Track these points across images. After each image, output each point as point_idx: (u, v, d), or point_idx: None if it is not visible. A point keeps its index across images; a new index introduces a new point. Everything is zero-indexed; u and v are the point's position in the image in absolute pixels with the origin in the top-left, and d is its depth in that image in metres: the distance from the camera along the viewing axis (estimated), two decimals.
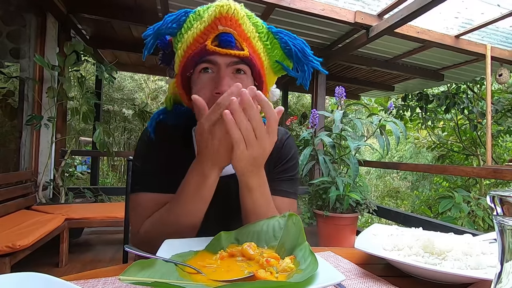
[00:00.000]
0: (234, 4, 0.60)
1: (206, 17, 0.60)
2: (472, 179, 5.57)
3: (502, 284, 0.26)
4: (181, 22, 0.62)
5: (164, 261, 0.44)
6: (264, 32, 0.66)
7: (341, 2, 2.90)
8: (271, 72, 0.70)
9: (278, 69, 0.70)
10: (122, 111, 7.72)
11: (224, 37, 0.59)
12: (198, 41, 0.60)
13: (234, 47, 0.60)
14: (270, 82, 0.71)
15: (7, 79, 3.40)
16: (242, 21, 0.61)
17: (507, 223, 0.25)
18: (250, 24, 0.63)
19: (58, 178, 3.01)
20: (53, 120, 2.91)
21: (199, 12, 0.62)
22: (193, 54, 0.60)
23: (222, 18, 0.59)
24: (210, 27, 0.59)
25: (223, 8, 0.58)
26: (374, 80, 5.22)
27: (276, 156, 0.74)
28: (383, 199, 8.57)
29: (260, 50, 0.65)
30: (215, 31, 0.59)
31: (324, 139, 2.81)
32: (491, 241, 0.64)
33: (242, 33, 0.61)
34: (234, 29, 0.60)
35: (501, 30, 3.30)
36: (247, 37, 0.62)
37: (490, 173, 2.31)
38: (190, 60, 0.61)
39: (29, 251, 1.83)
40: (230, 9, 0.58)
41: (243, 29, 0.61)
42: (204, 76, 0.62)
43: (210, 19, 0.59)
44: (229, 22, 0.59)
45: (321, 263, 0.44)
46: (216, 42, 0.59)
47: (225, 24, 0.59)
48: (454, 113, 5.62)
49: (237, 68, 0.62)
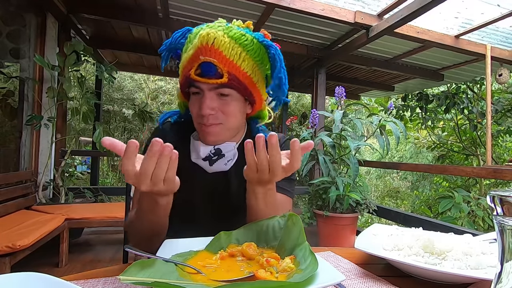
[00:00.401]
0: (216, 32, 0.64)
1: (194, 44, 0.66)
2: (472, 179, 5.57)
3: (502, 284, 0.26)
4: (185, 39, 0.71)
5: (164, 261, 0.44)
6: (254, 49, 0.69)
7: (341, 2, 2.90)
8: (264, 85, 0.75)
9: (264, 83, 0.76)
10: (122, 111, 7.72)
11: (204, 67, 0.65)
12: (187, 67, 0.68)
13: (213, 75, 0.66)
14: (265, 93, 0.76)
15: (7, 79, 3.40)
16: (223, 47, 0.65)
17: (507, 223, 0.25)
18: (237, 46, 0.66)
19: (58, 178, 3.01)
20: (53, 120, 2.91)
21: (195, 34, 0.68)
22: (183, 79, 0.70)
23: (203, 48, 0.64)
24: (194, 56, 0.65)
25: (204, 38, 0.64)
26: (374, 80, 5.22)
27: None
28: (383, 199, 8.56)
29: (247, 69, 0.68)
30: (197, 60, 0.65)
31: (324, 139, 2.81)
32: (491, 241, 0.64)
33: (224, 59, 0.65)
34: (215, 57, 0.64)
35: (501, 30, 3.30)
36: (230, 61, 0.66)
37: (490, 173, 2.31)
38: (183, 83, 0.71)
39: (29, 251, 1.83)
40: (209, 39, 0.63)
41: (224, 55, 0.65)
42: (194, 97, 0.71)
43: (195, 48, 0.65)
44: (208, 52, 0.64)
45: (321, 263, 0.44)
46: (199, 70, 0.66)
47: (205, 54, 0.64)
48: (454, 113, 5.62)
49: (221, 92, 0.68)
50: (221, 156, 0.75)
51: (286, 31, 3.41)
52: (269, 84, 0.75)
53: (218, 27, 0.66)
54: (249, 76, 0.69)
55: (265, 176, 0.59)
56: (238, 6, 2.89)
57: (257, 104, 0.75)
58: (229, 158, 0.76)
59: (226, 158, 0.76)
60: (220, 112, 0.69)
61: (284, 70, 0.71)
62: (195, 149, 0.76)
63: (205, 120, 0.69)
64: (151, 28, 3.42)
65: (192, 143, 0.79)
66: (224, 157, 0.75)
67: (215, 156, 0.75)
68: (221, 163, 0.76)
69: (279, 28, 3.33)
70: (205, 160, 0.75)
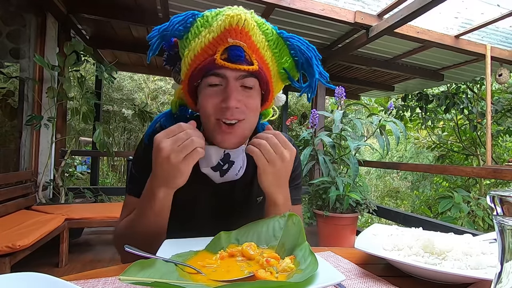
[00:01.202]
0: (245, 13, 0.57)
1: (215, 26, 0.57)
2: (472, 179, 5.58)
3: (502, 284, 0.26)
4: (188, 24, 0.60)
5: (164, 261, 0.44)
6: (273, 39, 0.63)
7: (341, 2, 2.90)
8: (279, 80, 0.68)
9: (285, 77, 0.68)
10: (121, 111, 7.72)
11: (234, 51, 0.57)
12: (207, 52, 0.58)
13: (243, 61, 0.58)
14: (277, 89, 0.70)
15: (7, 79, 3.40)
16: (253, 32, 0.58)
17: (507, 223, 0.25)
18: (260, 33, 0.60)
19: (58, 178, 3.01)
20: (53, 120, 2.91)
21: (207, 18, 0.59)
22: (201, 66, 0.59)
23: (232, 30, 0.56)
24: (219, 39, 0.57)
25: (233, 19, 0.55)
26: (374, 80, 5.22)
27: None
28: (383, 199, 8.57)
29: (268, 59, 0.62)
30: (224, 43, 0.57)
31: (324, 139, 2.81)
32: (491, 241, 0.64)
33: (252, 44, 0.58)
34: (244, 42, 0.57)
35: (501, 30, 3.30)
36: (257, 48, 0.60)
37: (490, 173, 2.31)
38: (198, 71, 0.59)
39: (29, 251, 1.83)
40: (240, 20, 0.55)
41: (253, 40, 0.58)
42: (210, 89, 0.61)
43: (219, 30, 0.56)
44: (239, 34, 0.56)
45: (321, 263, 0.44)
46: (225, 55, 0.57)
47: (235, 37, 0.56)
48: (454, 113, 5.62)
49: (245, 83, 0.61)
50: (231, 164, 0.67)
51: (286, 31, 3.40)
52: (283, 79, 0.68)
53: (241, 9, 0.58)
54: (269, 67, 0.63)
55: (277, 163, 0.59)
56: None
57: (269, 101, 0.68)
58: (240, 165, 0.69)
59: (237, 167, 0.68)
60: (243, 105, 0.61)
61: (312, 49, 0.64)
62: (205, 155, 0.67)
63: (229, 114, 0.59)
64: (151, 28, 3.40)
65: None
66: (234, 165, 0.68)
67: (225, 164, 0.67)
68: (232, 172, 0.68)
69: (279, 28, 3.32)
70: (215, 170, 0.67)
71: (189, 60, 0.60)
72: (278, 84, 0.69)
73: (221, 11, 0.59)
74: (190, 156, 0.55)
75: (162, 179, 0.57)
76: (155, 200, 0.59)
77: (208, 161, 0.66)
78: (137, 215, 0.64)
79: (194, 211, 0.74)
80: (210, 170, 0.67)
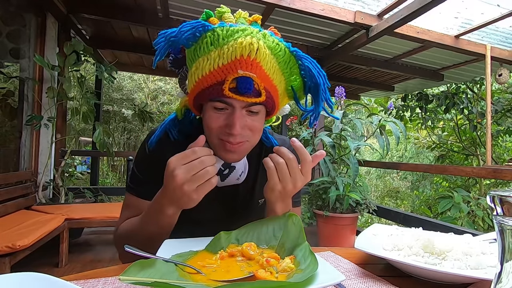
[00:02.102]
0: (258, 40, 0.54)
1: (226, 52, 0.54)
2: (472, 179, 5.58)
3: (502, 284, 0.26)
4: (197, 35, 0.57)
5: (164, 261, 0.44)
6: (285, 59, 0.61)
7: (341, 2, 2.90)
8: (285, 96, 0.67)
9: (292, 95, 0.67)
10: (121, 111, 7.72)
11: (243, 83, 0.55)
12: (215, 77, 0.56)
13: (251, 93, 0.56)
14: (283, 104, 0.69)
15: (7, 79, 3.40)
16: (264, 61, 0.56)
17: (507, 223, 0.25)
18: (273, 58, 0.58)
19: (58, 178, 3.01)
20: (53, 120, 2.91)
21: (218, 37, 0.55)
22: (209, 92, 0.57)
23: (243, 60, 0.54)
24: (229, 66, 0.55)
25: (245, 49, 0.53)
26: (374, 80, 5.22)
27: None
28: (383, 199, 8.57)
29: (277, 82, 0.61)
30: (234, 73, 0.55)
31: (324, 139, 2.81)
32: (491, 241, 0.64)
33: (262, 74, 0.57)
34: (254, 72, 0.55)
35: (501, 30, 3.30)
36: (266, 76, 0.58)
37: (490, 173, 2.31)
38: (204, 94, 0.58)
39: (29, 251, 1.83)
40: (252, 51, 0.53)
41: (263, 70, 0.57)
42: (216, 112, 0.60)
43: (229, 58, 0.54)
44: (249, 66, 0.54)
45: (321, 263, 0.44)
46: (233, 84, 0.56)
47: (245, 68, 0.54)
48: (454, 113, 5.62)
49: (252, 109, 0.60)
50: (231, 169, 0.69)
51: (286, 31, 3.41)
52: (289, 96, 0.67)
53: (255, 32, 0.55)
54: (277, 88, 0.62)
55: (288, 186, 0.60)
56: (238, 6, 2.88)
57: (274, 114, 0.69)
58: (241, 170, 0.70)
59: (238, 171, 0.70)
60: (247, 129, 0.61)
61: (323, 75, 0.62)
62: None
63: (233, 139, 0.60)
64: (151, 28, 3.42)
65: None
66: (235, 170, 0.69)
67: (225, 169, 0.68)
68: (233, 177, 0.70)
69: (279, 28, 3.28)
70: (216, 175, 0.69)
71: (196, 78, 0.59)
72: (284, 100, 0.68)
73: (233, 31, 0.55)
74: (203, 187, 0.55)
75: (173, 201, 0.57)
76: (163, 216, 0.60)
77: None
78: (141, 223, 0.65)
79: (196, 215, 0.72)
80: None
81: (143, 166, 0.74)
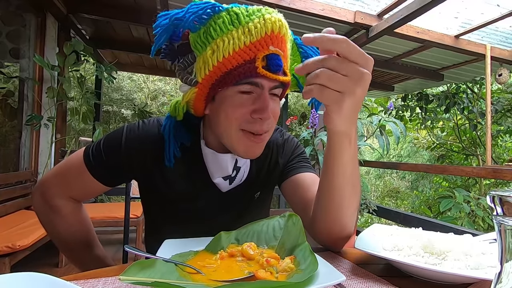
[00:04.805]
0: (283, 18, 0.53)
1: (253, 29, 0.50)
2: (472, 179, 5.58)
3: (502, 284, 0.26)
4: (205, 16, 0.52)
5: (164, 261, 0.44)
6: (292, 45, 0.60)
7: (340, 2, 2.90)
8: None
9: (294, 83, 0.66)
10: (121, 111, 7.72)
11: (275, 60, 0.52)
12: (241, 56, 0.51)
13: (281, 72, 0.54)
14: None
15: (7, 79, 3.40)
16: (288, 39, 0.54)
17: (507, 223, 0.25)
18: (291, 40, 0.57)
19: None
20: (53, 120, 2.91)
21: (237, 16, 0.51)
22: (237, 73, 0.52)
23: (274, 36, 0.51)
24: (258, 44, 0.51)
25: (275, 25, 0.51)
26: (374, 80, 5.22)
27: (286, 149, 0.78)
28: (383, 199, 8.57)
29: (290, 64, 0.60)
30: (264, 50, 0.51)
31: (324, 139, 2.81)
32: (491, 241, 0.64)
33: (286, 53, 0.55)
34: (282, 50, 0.53)
35: (501, 30, 3.30)
36: (287, 56, 0.56)
37: (490, 173, 2.31)
38: (230, 76, 0.53)
39: (29, 251, 1.83)
40: (282, 26, 0.51)
41: (287, 48, 0.55)
42: (243, 95, 0.55)
43: (259, 35, 0.50)
44: (279, 43, 0.52)
45: (321, 263, 0.44)
46: (264, 62, 0.52)
47: (276, 45, 0.52)
48: (453, 113, 5.63)
49: (275, 92, 0.57)
50: (238, 170, 0.65)
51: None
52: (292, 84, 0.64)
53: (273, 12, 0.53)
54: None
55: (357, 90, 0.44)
56: None
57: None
58: (244, 169, 0.67)
59: (242, 172, 0.66)
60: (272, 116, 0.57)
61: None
62: (220, 164, 0.63)
63: (260, 125, 0.55)
64: (151, 28, 3.42)
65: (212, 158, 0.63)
66: (240, 170, 0.65)
67: (233, 171, 0.65)
68: (238, 178, 0.66)
69: None
70: (225, 179, 0.64)
71: (215, 62, 0.52)
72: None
73: (254, 10, 0.52)
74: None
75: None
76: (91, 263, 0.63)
77: (224, 170, 0.62)
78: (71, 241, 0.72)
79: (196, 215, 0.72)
80: (221, 180, 0.64)
81: (110, 154, 0.65)
